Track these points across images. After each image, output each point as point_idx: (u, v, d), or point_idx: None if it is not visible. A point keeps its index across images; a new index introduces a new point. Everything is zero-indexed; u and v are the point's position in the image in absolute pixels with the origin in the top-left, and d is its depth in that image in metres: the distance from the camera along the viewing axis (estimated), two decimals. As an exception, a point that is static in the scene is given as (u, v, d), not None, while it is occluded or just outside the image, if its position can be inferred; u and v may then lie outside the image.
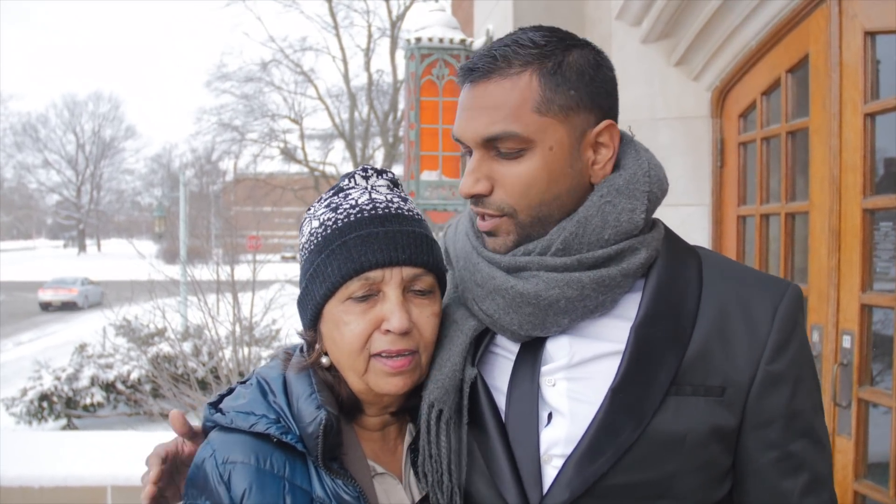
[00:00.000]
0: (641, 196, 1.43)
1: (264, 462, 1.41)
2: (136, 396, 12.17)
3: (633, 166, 1.46)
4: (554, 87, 1.38)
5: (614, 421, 1.36)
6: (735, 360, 1.39)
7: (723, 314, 1.41)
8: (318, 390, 1.47)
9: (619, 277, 1.40)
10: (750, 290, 1.45)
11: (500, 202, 1.42)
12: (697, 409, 1.37)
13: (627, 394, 1.37)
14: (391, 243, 1.44)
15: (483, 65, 1.40)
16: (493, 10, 5.60)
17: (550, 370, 1.44)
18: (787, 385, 1.41)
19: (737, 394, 1.39)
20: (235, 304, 10.07)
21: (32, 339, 23.94)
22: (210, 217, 27.93)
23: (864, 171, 2.96)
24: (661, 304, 1.41)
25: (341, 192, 1.54)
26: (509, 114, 1.38)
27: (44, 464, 4.57)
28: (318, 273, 1.48)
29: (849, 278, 3.01)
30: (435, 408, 1.47)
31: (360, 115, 37.73)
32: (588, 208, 1.41)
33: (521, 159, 1.40)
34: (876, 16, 2.93)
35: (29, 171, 79.95)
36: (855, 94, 2.99)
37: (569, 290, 1.38)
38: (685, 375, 1.38)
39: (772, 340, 1.40)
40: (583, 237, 1.40)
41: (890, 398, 2.82)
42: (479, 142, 1.41)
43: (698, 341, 1.39)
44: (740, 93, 3.90)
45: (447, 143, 5.68)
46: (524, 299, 1.40)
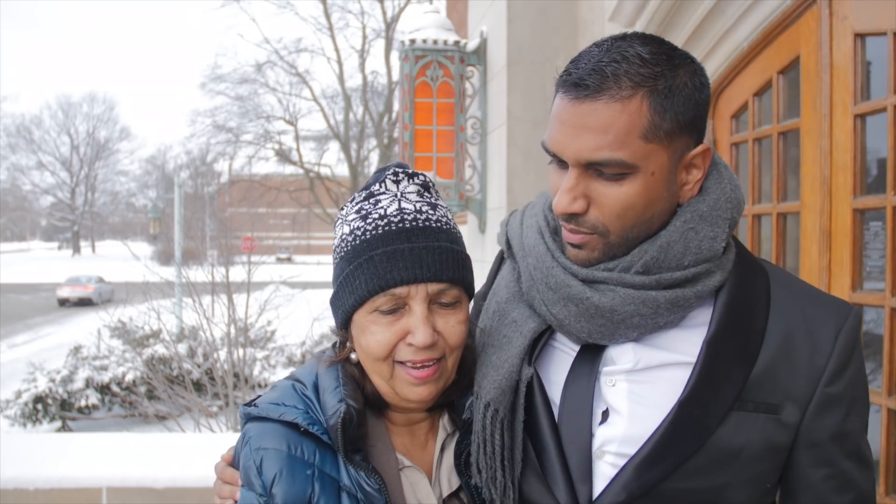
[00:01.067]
0: (723, 223, 1.45)
1: (295, 449, 1.46)
2: (130, 398, 12.16)
3: (716, 190, 1.46)
4: (662, 112, 1.35)
5: (679, 431, 1.39)
6: (796, 380, 1.42)
7: (789, 334, 1.43)
8: (342, 384, 1.52)
9: (693, 298, 1.42)
10: (815, 311, 1.47)
11: (594, 221, 1.41)
12: (756, 426, 1.40)
13: (695, 406, 1.39)
14: (416, 260, 1.46)
15: (592, 82, 1.35)
16: (488, 12, 5.62)
17: (612, 371, 1.47)
18: (842, 407, 1.43)
19: (794, 412, 1.42)
20: (231, 305, 10.09)
21: (27, 342, 23.87)
22: (205, 218, 27.91)
23: (855, 172, 2.98)
24: (733, 319, 1.43)
25: (372, 197, 1.54)
26: (616, 139, 1.34)
27: (39, 465, 4.56)
28: (347, 283, 1.51)
29: (839, 278, 3.03)
30: (491, 408, 1.50)
31: (355, 117, 37.72)
32: (671, 233, 1.42)
33: (623, 182, 1.37)
34: (866, 18, 2.95)
35: (23, 173, 79.94)
36: (845, 95, 3.01)
37: (644, 308, 1.40)
38: (749, 392, 1.40)
39: (832, 363, 1.43)
40: (663, 262, 1.42)
41: (880, 396, 2.84)
42: (581, 163, 1.38)
43: (765, 359, 1.42)
44: (732, 94, 3.92)
45: (441, 144, 5.70)
46: (598, 311, 1.42)
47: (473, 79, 5.86)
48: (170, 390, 9.41)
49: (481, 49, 5.74)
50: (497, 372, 1.51)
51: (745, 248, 1.55)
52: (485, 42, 5.71)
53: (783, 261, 3.52)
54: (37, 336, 25.18)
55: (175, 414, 9.86)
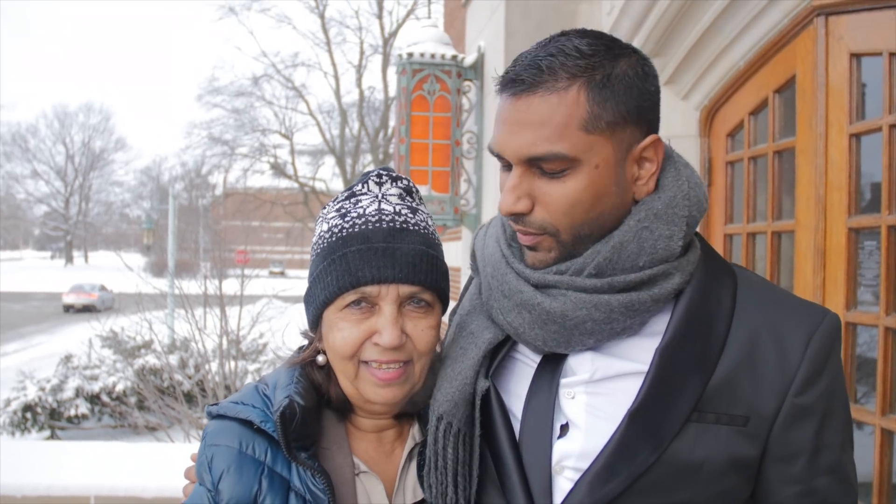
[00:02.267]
0: (680, 221, 1.39)
1: (246, 447, 1.46)
2: (121, 409, 12.10)
3: (672, 187, 1.41)
4: (602, 102, 1.31)
5: (631, 443, 1.32)
6: (762, 390, 1.34)
7: (753, 341, 1.36)
8: (295, 382, 1.52)
9: (650, 302, 1.36)
10: (784, 316, 1.39)
11: (541, 221, 1.36)
12: (718, 438, 1.33)
13: (647, 417, 1.33)
14: (389, 260, 1.46)
15: (528, 76, 1.32)
16: (485, 27, 5.65)
17: (571, 383, 1.41)
18: (814, 419, 1.35)
19: (761, 425, 1.34)
20: (223, 317, 10.05)
21: (17, 350, 23.72)
22: (199, 231, 27.88)
23: (850, 191, 2.99)
24: (690, 327, 1.36)
25: (353, 196, 1.55)
26: (554, 132, 1.31)
27: (27, 473, 4.53)
28: (320, 280, 1.51)
29: (834, 296, 3.03)
30: (443, 421, 1.46)
31: (351, 132, 37.81)
32: (624, 233, 1.36)
33: (566, 178, 1.33)
34: (862, 38, 2.97)
35: (17, 182, 79.80)
36: (841, 114, 3.03)
37: (596, 313, 1.34)
38: (709, 402, 1.33)
39: (802, 372, 1.34)
40: (617, 263, 1.36)
41: (874, 416, 2.84)
42: (521, 159, 1.34)
43: (725, 367, 1.34)
44: (728, 112, 3.94)
45: (437, 157, 5.71)
46: (550, 317, 1.37)
47: (470, 93, 5.88)
48: (160, 401, 9.36)
49: (479, 64, 5.77)
50: (451, 384, 1.47)
51: (712, 250, 1.50)
52: (482, 57, 5.73)
53: (777, 279, 3.53)
54: (28, 345, 25.03)
55: (165, 425, 9.79)
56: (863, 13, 2.95)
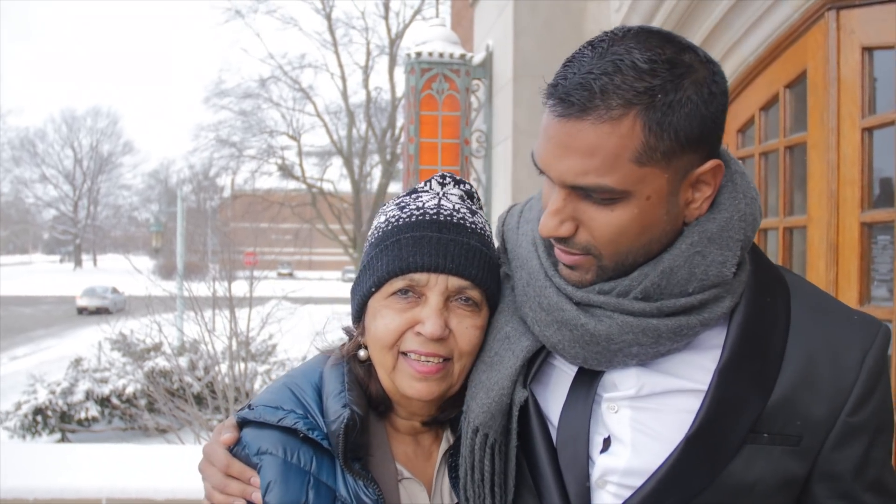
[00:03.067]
0: (734, 245, 1.31)
1: (291, 455, 1.41)
2: (131, 411, 12.14)
3: (729, 207, 1.32)
4: (659, 133, 1.19)
5: (688, 467, 1.28)
6: (816, 409, 1.30)
7: (810, 358, 1.31)
8: (347, 388, 1.47)
9: (699, 327, 1.30)
10: (840, 330, 1.34)
11: (585, 244, 1.29)
12: (771, 459, 1.29)
13: (705, 441, 1.28)
14: (442, 250, 1.44)
15: (578, 99, 1.20)
16: (494, 26, 5.64)
17: (615, 397, 1.36)
18: (865, 437, 1.32)
19: (813, 443, 1.31)
20: (233, 318, 10.07)
21: (27, 354, 23.83)
22: (207, 233, 27.95)
23: (862, 185, 2.97)
24: (747, 345, 1.30)
25: (414, 193, 1.56)
26: (604, 164, 1.20)
27: (39, 476, 4.53)
28: (370, 266, 1.50)
29: (847, 291, 3.01)
30: (480, 433, 1.41)
31: (358, 132, 37.86)
32: (675, 257, 1.29)
33: (615, 206, 1.24)
34: (873, 31, 2.96)
35: (26, 186, 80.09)
36: (853, 108, 3.01)
37: (643, 337, 1.29)
38: (765, 423, 1.29)
39: (857, 390, 1.30)
40: (665, 288, 1.29)
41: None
42: (566, 184, 1.25)
43: (783, 386, 1.30)
44: (738, 108, 3.92)
45: (446, 157, 5.70)
46: (594, 339, 1.31)
47: (479, 92, 5.87)
48: (170, 403, 9.38)
49: (487, 62, 5.76)
50: (487, 395, 1.41)
51: (763, 257, 1.43)
52: (490, 55, 5.72)
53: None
54: (38, 348, 25.14)
55: (175, 427, 9.82)
56: (875, 6, 2.94)
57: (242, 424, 1.51)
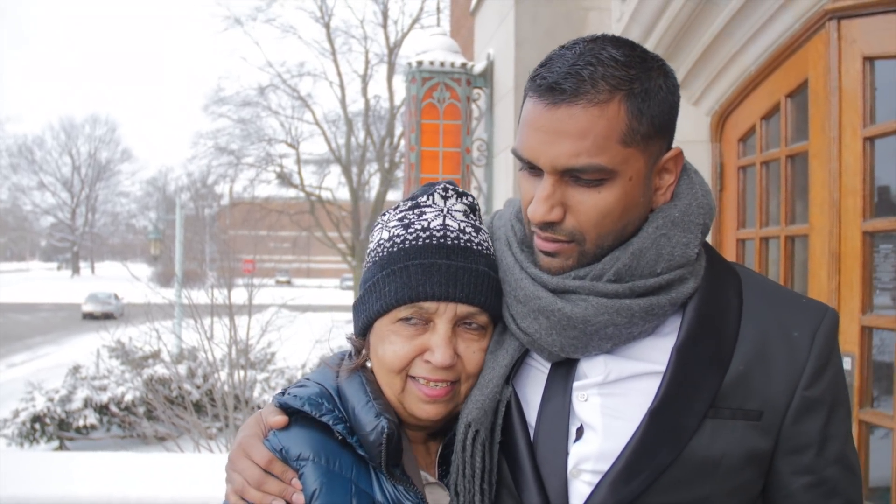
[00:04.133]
0: (696, 229, 1.42)
1: (333, 463, 1.41)
2: (129, 419, 12.09)
3: (687, 196, 1.44)
4: (639, 116, 1.32)
5: (652, 442, 1.34)
6: (773, 384, 1.38)
7: (763, 337, 1.40)
8: (373, 398, 1.47)
9: (668, 306, 1.38)
10: (790, 313, 1.43)
11: (571, 229, 1.36)
12: (734, 433, 1.35)
13: (667, 415, 1.35)
14: (452, 279, 1.44)
15: (569, 86, 1.30)
16: (495, 35, 5.66)
17: (584, 385, 1.42)
18: (822, 410, 1.39)
19: (773, 418, 1.37)
20: (232, 326, 10.06)
21: (25, 361, 23.78)
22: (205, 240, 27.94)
23: (864, 194, 2.98)
24: (702, 326, 1.39)
25: (417, 207, 1.53)
26: (594, 145, 1.30)
27: (38, 484, 4.52)
28: (376, 289, 1.49)
29: (849, 300, 3.02)
30: (472, 428, 1.45)
31: (357, 141, 37.82)
32: (643, 240, 1.38)
33: (601, 188, 1.33)
34: (875, 41, 2.97)
35: (24, 193, 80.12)
36: (854, 118, 3.02)
37: (618, 317, 1.36)
38: (724, 398, 1.36)
39: (810, 365, 1.39)
40: (636, 269, 1.37)
41: (891, 420, 2.83)
42: (558, 169, 1.33)
43: (738, 364, 1.37)
44: (740, 117, 3.93)
45: (447, 166, 5.71)
46: (571, 323, 1.37)
47: (480, 101, 5.88)
48: (169, 411, 9.36)
49: (488, 71, 5.77)
50: (481, 392, 1.45)
51: (715, 252, 1.52)
52: (492, 65, 5.74)
53: (791, 284, 3.52)
54: (35, 356, 25.08)
55: (174, 435, 9.79)
56: (876, 16, 2.95)
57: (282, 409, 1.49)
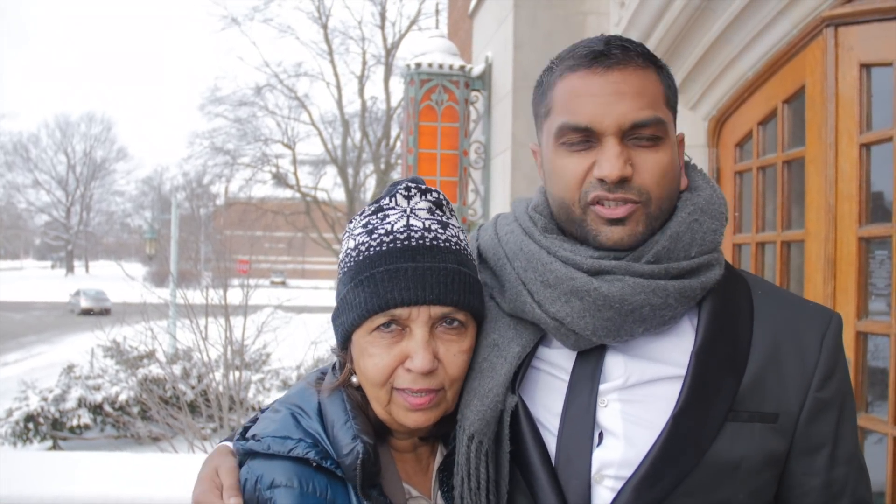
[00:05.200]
0: (721, 217, 1.49)
1: (307, 485, 1.38)
2: (123, 419, 12.06)
3: (706, 187, 1.52)
4: (668, 88, 1.47)
5: (676, 447, 1.36)
6: (787, 387, 1.42)
7: (775, 341, 1.44)
8: (352, 417, 1.44)
9: (699, 290, 1.43)
10: (798, 317, 1.48)
11: (639, 187, 1.40)
12: (753, 436, 1.39)
13: (689, 420, 1.37)
14: (419, 281, 1.41)
15: (618, 52, 1.41)
16: (493, 38, 5.66)
17: (604, 390, 1.43)
18: (833, 411, 1.44)
19: (788, 420, 1.41)
20: (227, 326, 10.04)
21: (19, 360, 23.69)
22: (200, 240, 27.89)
23: (860, 200, 3.00)
24: (719, 330, 1.42)
25: (380, 211, 1.50)
26: (652, 101, 1.41)
27: (30, 484, 4.51)
28: (347, 300, 1.47)
29: (844, 305, 3.03)
30: (475, 440, 1.44)
31: (353, 142, 37.78)
32: (679, 224, 1.44)
33: (658, 148, 1.42)
34: (871, 48, 2.98)
35: (18, 191, 79.83)
36: (850, 124, 3.04)
37: (654, 298, 1.39)
38: (742, 402, 1.39)
39: (820, 368, 1.43)
40: (673, 252, 1.43)
41: (886, 425, 2.84)
42: (624, 127, 1.39)
43: (753, 368, 1.41)
44: (737, 123, 3.95)
45: (445, 168, 5.71)
46: (607, 302, 1.38)
47: (478, 103, 5.89)
48: (163, 411, 9.34)
49: (486, 74, 5.78)
50: (481, 402, 1.44)
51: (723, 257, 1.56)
52: (490, 67, 5.75)
53: (786, 288, 3.53)
54: (29, 354, 25.00)
55: (169, 435, 9.77)
56: (873, 24, 2.97)
57: (247, 455, 1.47)
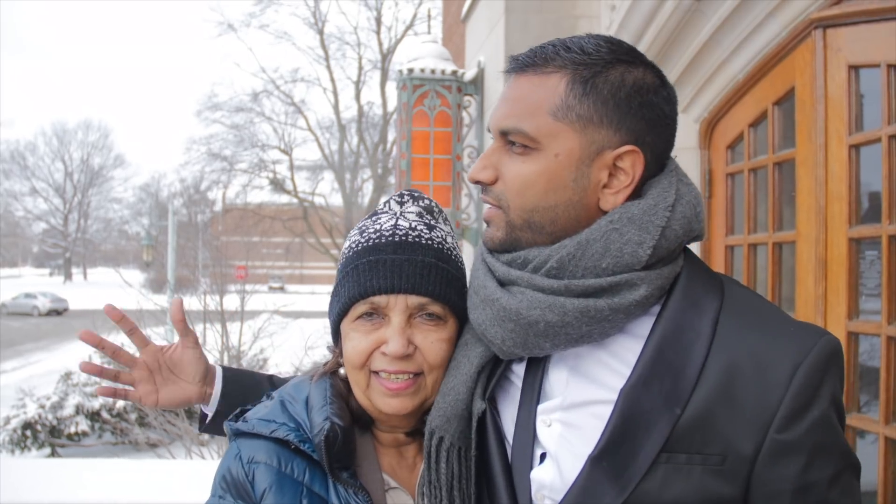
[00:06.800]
0: (654, 230, 1.31)
1: (285, 466, 1.47)
2: (121, 425, 12.05)
3: (655, 196, 1.35)
4: (579, 96, 1.32)
5: (595, 488, 1.28)
6: (739, 426, 1.24)
7: (731, 373, 1.26)
8: (329, 402, 1.53)
9: (608, 311, 1.29)
10: (769, 343, 1.28)
11: (498, 194, 1.40)
12: (690, 479, 1.24)
13: (611, 460, 1.27)
14: (396, 271, 1.51)
15: (523, 58, 1.40)
16: (485, 43, 5.68)
17: (547, 409, 1.39)
18: (800, 456, 1.24)
19: (739, 463, 1.24)
20: (224, 332, 10.04)
21: (16, 368, 23.66)
22: (198, 246, 27.85)
23: (850, 201, 3.01)
24: (660, 363, 1.28)
25: (375, 215, 1.62)
26: (524, 110, 1.35)
27: (28, 491, 4.52)
28: (336, 292, 1.58)
29: (835, 306, 3.04)
30: (435, 435, 1.47)
31: (350, 147, 37.87)
32: (593, 231, 1.32)
33: (526, 158, 1.36)
34: (860, 50, 3.00)
35: (16, 199, 79.71)
36: (840, 125, 3.05)
37: (549, 314, 1.30)
38: (679, 443, 1.25)
39: (786, 405, 1.23)
40: (580, 260, 1.31)
41: (877, 425, 2.85)
42: (496, 131, 1.41)
43: (698, 404, 1.25)
44: (728, 125, 3.96)
45: (438, 172, 5.73)
46: (507, 314, 1.35)
47: (470, 108, 5.90)
48: (161, 417, 9.34)
49: (479, 79, 5.79)
50: (443, 398, 1.48)
51: (700, 266, 1.43)
52: (482, 72, 5.76)
53: (779, 290, 3.54)
54: (27, 362, 24.96)
55: (166, 442, 9.77)
56: (861, 25, 2.98)
57: (236, 434, 1.56)
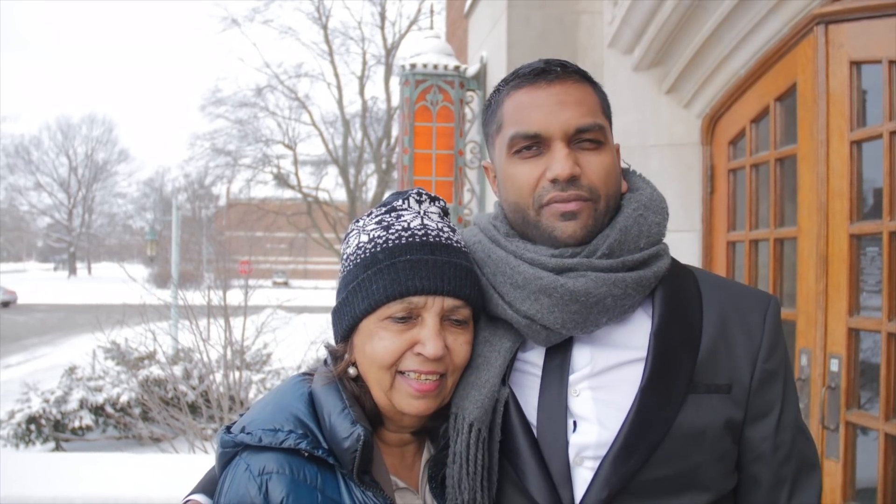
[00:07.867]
0: (662, 212, 1.65)
1: (298, 473, 1.42)
2: (125, 420, 12.07)
3: (647, 188, 1.68)
4: (603, 102, 1.63)
5: (645, 420, 1.49)
6: (737, 361, 1.58)
7: (723, 321, 1.60)
8: (349, 405, 1.50)
9: (653, 279, 1.58)
10: (742, 299, 1.66)
11: (588, 184, 1.55)
12: (712, 405, 1.53)
13: (654, 394, 1.50)
14: (439, 272, 1.51)
15: (557, 69, 1.58)
16: (488, 38, 5.67)
17: (574, 381, 1.56)
18: (779, 379, 1.61)
19: (741, 390, 1.57)
20: (227, 327, 10.06)
21: (21, 362, 23.71)
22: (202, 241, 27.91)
23: (851, 197, 3.01)
24: (673, 314, 1.58)
25: (394, 211, 1.59)
26: (591, 109, 1.57)
27: (32, 485, 4.53)
28: (362, 288, 1.53)
29: (836, 302, 3.05)
30: (475, 427, 1.53)
31: (354, 142, 37.77)
32: (627, 218, 1.59)
33: (600, 151, 1.57)
34: (861, 46, 2.99)
35: (20, 194, 79.70)
36: (841, 121, 3.05)
37: (615, 289, 1.52)
38: (699, 375, 1.54)
39: (765, 342, 1.60)
40: (624, 244, 1.56)
41: (877, 421, 2.85)
42: (569, 132, 1.54)
43: (706, 345, 1.56)
44: (730, 120, 3.96)
45: (440, 168, 5.73)
46: (573, 297, 1.51)
47: (473, 104, 5.90)
48: (165, 412, 9.36)
49: (481, 74, 5.79)
50: (479, 392, 1.55)
51: None
52: (485, 67, 5.76)
53: (780, 285, 3.54)
54: (31, 357, 25.01)
55: (170, 436, 9.79)
56: (862, 21, 2.98)
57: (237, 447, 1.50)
